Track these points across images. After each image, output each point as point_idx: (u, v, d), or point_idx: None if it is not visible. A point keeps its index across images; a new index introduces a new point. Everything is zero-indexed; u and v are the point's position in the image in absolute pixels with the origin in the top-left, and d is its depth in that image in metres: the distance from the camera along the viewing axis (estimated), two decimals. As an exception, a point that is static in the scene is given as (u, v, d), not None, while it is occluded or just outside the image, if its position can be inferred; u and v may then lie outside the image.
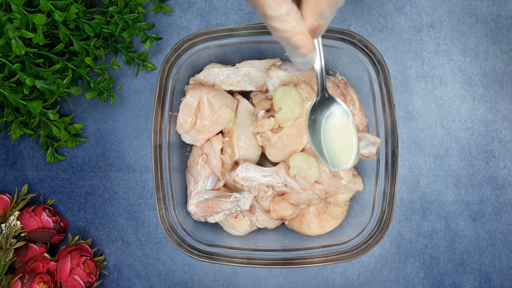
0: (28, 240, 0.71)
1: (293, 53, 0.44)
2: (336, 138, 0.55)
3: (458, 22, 0.75)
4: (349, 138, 0.55)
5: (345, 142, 0.55)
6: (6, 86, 0.62)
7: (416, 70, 0.75)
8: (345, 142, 0.55)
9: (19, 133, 0.68)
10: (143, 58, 0.73)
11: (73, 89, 0.66)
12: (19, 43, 0.59)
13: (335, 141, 0.55)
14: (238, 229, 0.69)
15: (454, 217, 0.74)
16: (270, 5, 0.39)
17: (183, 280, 0.75)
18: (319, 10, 0.41)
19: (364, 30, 0.75)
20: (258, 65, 0.68)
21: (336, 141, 0.55)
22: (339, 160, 0.55)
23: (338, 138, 0.55)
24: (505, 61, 0.74)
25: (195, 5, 0.76)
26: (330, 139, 0.55)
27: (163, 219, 0.64)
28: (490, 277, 0.74)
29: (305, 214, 0.67)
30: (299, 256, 0.64)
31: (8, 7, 0.59)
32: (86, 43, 0.67)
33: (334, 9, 0.42)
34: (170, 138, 0.66)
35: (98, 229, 0.76)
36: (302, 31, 0.42)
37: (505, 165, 0.74)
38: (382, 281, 0.74)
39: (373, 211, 0.65)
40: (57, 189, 0.76)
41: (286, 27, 0.41)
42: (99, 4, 0.74)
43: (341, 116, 0.55)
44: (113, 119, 0.76)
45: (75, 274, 0.68)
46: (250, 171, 0.63)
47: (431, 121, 0.75)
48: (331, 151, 0.55)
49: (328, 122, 0.55)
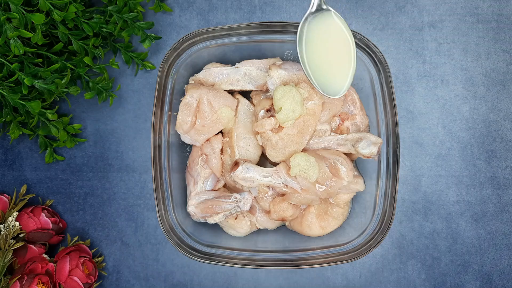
0: (27, 241, 0.70)
1: None
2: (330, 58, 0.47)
3: (459, 21, 0.74)
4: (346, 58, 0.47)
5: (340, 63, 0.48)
6: (5, 86, 0.61)
7: (417, 69, 0.74)
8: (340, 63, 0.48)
9: (18, 133, 0.68)
10: (142, 57, 0.73)
11: (72, 89, 0.66)
12: (17, 42, 0.59)
13: (329, 60, 0.47)
14: (238, 230, 0.68)
15: (456, 217, 0.74)
16: None
17: (183, 281, 0.75)
18: None
19: (365, 29, 0.75)
20: (258, 64, 0.67)
21: (330, 60, 0.47)
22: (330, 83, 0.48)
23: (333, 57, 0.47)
24: (507, 61, 0.74)
25: (195, 4, 0.75)
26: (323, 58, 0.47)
27: (162, 220, 0.64)
28: (492, 278, 0.73)
29: (305, 214, 0.66)
30: (299, 257, 0.64)
31: (7, 6, 0.58)
32: (85, 43, 0.67)
33: None
34: (169, 138, 0.66)
35: (97, 230, 0.75)
36: None
37: (507, 165, 0.74)
38: (383, 282, 0.74)
39: (374, 211, 0.65)
40: (56, 190, 0.76)
41: None
42: (98, 3, 0.74)
43: (338, 33, 0.47)
44: (112, 119, 0.76)
45: (74, 275, 0.67)
46: (250, 171, 0.63)
47: (433, 120, 0.74)
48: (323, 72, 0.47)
49: (322, 37, 0.48)
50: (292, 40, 0.65)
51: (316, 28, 0.47)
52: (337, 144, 0.65)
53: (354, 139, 0.64)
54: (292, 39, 0.65)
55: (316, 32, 0.47)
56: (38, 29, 0.60)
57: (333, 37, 0.47)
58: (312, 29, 0.47)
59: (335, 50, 0.47)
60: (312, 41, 0.47)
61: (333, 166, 0.63)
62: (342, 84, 0.48)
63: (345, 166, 0.63)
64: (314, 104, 0.62)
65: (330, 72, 0.47)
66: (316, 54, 0.47)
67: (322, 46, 0.47)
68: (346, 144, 0.65)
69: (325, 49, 0.47)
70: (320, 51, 0.47)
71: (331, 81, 0.48)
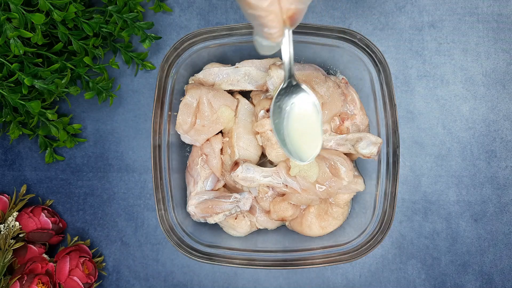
0: (27, 241, 0.70)
1: (261, 33, 0.42)
2: (301, 128, 0.53)
3: (459, 21, 0.74)
4: (315, 129, 0.53)
5: (310, 133, 0.53)
6: (5, 86, 0.61)
7: (417, 69, 0.74)
8: (310, 133, 0.53)
9: (18, 133, 0.67)
10: (142, 57, 0.73)
11: (71, 89, 0.66)
12: (17, 42, 0.59)
13: (299, 131, 0.53)
14: (238, 230, 0.68)
15: (456, 217, 0.74)
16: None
17: (183, 281, 0.75)
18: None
19: (365, 29, 0.75)
20: (258, 64, 0.67)
21: (300, 131, 0.53)
22: (301, 151, 0.53)
23: (303, 128, 0.53)
24: (507, 61, 0.74)
25: (195, 4, 0.75)
26: (294, 128, 0.53)
27: (162, 220, 0.64)
28: (492, 278, 0.73)
29: (305, 214, 0.66)
30: (299, 257, 0.64)
31: (7, 6, 0.58)
32: (85, 43, 0.67)
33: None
34: (169, 138, 0.66)
35: (97, 230, 0.75)
36: (276, 12, 0.40)
37: (507, 165, 0.74)
38: (383, 282, 0.74)
39: (374, 211, 0.65)
40: (55, 190, 0.76)
41: (262, 3, 0.39)
42: (98, 3, 0.74)
43: (307, 105, 0.53)
44: (112, 119, 0.76)
45: (74, 275, 0.67)
46: (250, 171, 0.63)
47: (432, 120, 0.74)
48: (294, 141, 0.53)
49: (294, 110, 0.53)
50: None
51: (289, 101, 0.53)
52: (337, 144, 0.65)
53: (354, 139, 0.64)
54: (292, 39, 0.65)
55: (288, 105, 0.53)
56: (38, 29, 0.60)
57: (303, 109, 0.53)
58: (285, 102, 0.53)
59: (305, 121, 0.53)
60: (284, 112, 0.53)
61: (333, 166, 0.63)
62: (311, 152, 0.54)
63: (345, 166, 0.63)
64: (314, 104, 0.62)
65: (300, 140, 0.53)
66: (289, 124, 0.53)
67: (293, 117, 0.53)
68: (346, 144, 0.65)
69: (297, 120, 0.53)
70: (292, 121, 0.53)
71: (301, 149, 0.53)
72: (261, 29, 0.42)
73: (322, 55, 0.68)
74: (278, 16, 0.40)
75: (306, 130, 0.53)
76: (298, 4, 0.40)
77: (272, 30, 0.41)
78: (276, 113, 0.53)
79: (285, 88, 0.53)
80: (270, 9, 0.39)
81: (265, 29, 0.41)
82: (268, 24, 0.40)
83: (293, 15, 0.41)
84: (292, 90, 0.53)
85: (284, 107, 0.53)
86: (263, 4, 0.39)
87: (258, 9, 0.39)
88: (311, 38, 0.65)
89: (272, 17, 0.40)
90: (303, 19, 0.75)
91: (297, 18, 0.42)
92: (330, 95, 0.64)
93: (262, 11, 0.39)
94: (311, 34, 0.64)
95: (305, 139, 0.53)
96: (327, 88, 0.64)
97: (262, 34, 0.42)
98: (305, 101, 0.53)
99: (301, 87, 0.53)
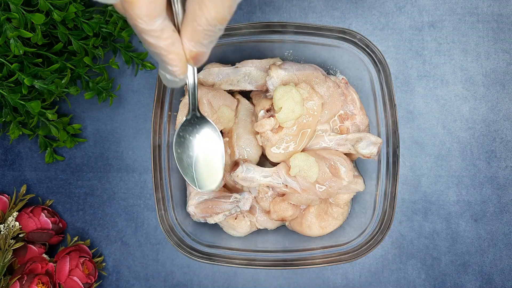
0: (27, 241, 0.70)
1: (164, 68, 0.42)
2: (204, 159, 0.55)
3: (459, 21, 0.74)
4: (216, 163, 0.55)
5: (211, 166, 0.55)
6: (5, 86, 0.61)
7: (417, 69, 0.74)
8: (211, 166, 0.55)
9: (18, 133, 0.67)
10: (142, 57, 0.73)
11: (71, 89, 0.66)
12: (17, 42, 0.59)
13: (202, 161, 0.55)
14: (238, 230, 0.68)
15: (456, 217, 0.74)
16: (142, 18, 0.36)
17: (183, 282, 0.75)
18: (196, 38, 0.39)
19: (365, 29, 0.75)
20: (258, 64, 0.67)
21: (203, 161, 0.55)
22: (204, 181, 0.55)
23: (206, 159, 0.55)
24: (507, 61, 0.74)
25: (195, 5, 0.75)
26: (198, 159, 0.55)
27: (162, 220, 0.64)
28: (492, 278, 0.73)
29: (305, 215, 0.66)
30: (299, 257, 0.64)
31: (7, 6, 0.58)
32: (85, 43, 0.67)
33: (214, 38, 0.39)
34: (169, 138, 0.66)
35: (97, 230, 0.75)
36: (177, 52, 0.39)
37: (507, 165, 0.74)
38: (383, 282, 0.74)
39: (374, 211, 0.65)
40: (55, 190, 0.76)
41: (160, 44, 0.38)
42: (98, 3, 0.74)
43: (211, 138, 0.55)
44: (112, 119, 0.75)
45: (74, 275, 0.67)
46: (250, 171, 0.63)
47: (432, 121, 0.74)
48: (196, 171, 0.55)
49: (198, 141, 0.55)
50: (292, 40, 0.66)
51: (192, 132, 0.55)
52: (337, 144, 0.65)
53: (354, 139, 0.64)
54: (292, 39, 0.65)
55: (193, 135, 0.55)
56: (38, 29, 0.59)
57: (207, 142, 0.55)
58: (188, 132, 0.55)
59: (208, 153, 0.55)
60: (188, 142, 0.55)
61: (333, 166, 0.63)
62: (211, 185, 0.55)
63: (345, 166, 0.63)
64: (314, 104, 0.62)
65: (202, 171, 0.55)
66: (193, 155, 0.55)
67: (197, 148, 0.55)
68: (346, 144, 0.65)
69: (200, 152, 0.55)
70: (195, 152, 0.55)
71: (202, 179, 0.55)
72: (164, 66, 0.41)
73: (322, 55, 0.68)
74: (180, 56, 0.40)
75: (208, 163, 0.55)
76: (200, 48, 0.40)
77: (174, 68, 0.41)
78: (179, 142, 0.54)
79: (189, 120, 0.54)
80: (170, 49, 0.39)
81: (167, 66, 0.41)
82: (169, 62, 0.40)
83: (195, 56, 0.41)
84: (197, 122, 0.54)
85: (188, 137, 0.54)
86: (161, 44, 0.38)
87: (157, 48, 0.39)
88: (311, 38, 0.65)
89: (172, 56, 0.40)
90: (304, 19, 0.75)
91: (200, 59, 0.41)
92: (330, 95, 0.64)
93: (162, 50, 0.39)
94: (311, 34, 0.64)
95: (207, 171, 0.55)
96: (327, 88, 0.64)
97: (165, 69, 0.42)
98: (209, 134, 0.55)
99: (206, 119, 0.54)
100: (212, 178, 0.55)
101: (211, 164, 0.55)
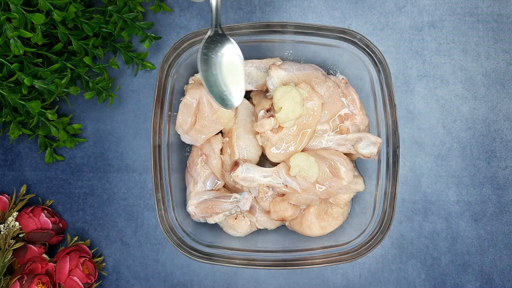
0: (27, 241, 0.70)
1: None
2: (227, 76, 0.57)
3: (459, 21, 0.74)
4: (240, 77, 0.57)
5: (235, 81, 0.57)
6: (5, 86, 0.61)
7: (417, 69, 0.74)
8: (235, 81, 0.57)
9: (18, 133, 0.67)
10: (142, 57, 0.73)
11: (71, 89, 0.66)
12: (17, 42, 0.59)
13: (226, 78, 0.57)
14: (238, 230, 0.68)
15: (456, 217, 0.74)
16: None
17: (183, 281, 0.75)
18: None
19: (365, 29, 0.75)
20: (258, 64, 0.67)
21: (227, 78, 0.57)
22: (227, 98, 0.56)
23: (229, 76, 0.57)
24: (507, 61, 0.74)
25: (195, 4, 0.75)
26: (222, 76, 0.57)
27: (162, 220, 0.64)
28: (492, 278, 0.73)
29: (305, 214, 0.66)
30: (299, 257, 0.64)
31: (7, 6, 0.58)
32: (85, 43, 0.67)
33: None
34: (169, 138, 0.66)
35: (97, 230, 0.75)
36: None
37: (507, 165, 0.74)
38: (383, 282, 0.74)
39: (374, 211, 0.65)
40: (55, 190, 0.76)
41: None
42: (98, 3, 0.74)
43: (233, 56, 0.57)
44: (112, 119, 0.75)
45: (74, 275, 0.67)
46: (250, 171, 0.63)
47: (432, 121, 0.74)
48: (221, 88, 0.56)
49: (221, 59, 0.56)
50: (292, 40, 0.66)
51: (215, 50, 0.57)
52: (337, 144, 0.65)
53: (354, 139, 0.64)
54: (292, 39, 0.65)
55: (215, 54, 0.57)
56: (38, 29, 0.59)
57: (230, 59, 0.57)
58: (211, 50, 0.57)
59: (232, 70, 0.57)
60: (211, 60, 0.56)
61: (333, 166, 0.63)
62: (237, 99, 0.57)
63: (345, 166, 0.63)
64: (314, 104, 0.62)
65: (227, 88, 0.57)
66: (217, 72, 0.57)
67: (221, 66, 0.57)
68: (346, 144, 0.65)
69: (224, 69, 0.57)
70: (219, 70, 0.57)
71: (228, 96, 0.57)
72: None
73: (322, 55, 0.68)
74: None
75: (232, 79, 0.57)
76: None
77: None
78: (203, 60, 0.56)
79: (211, 37, 0.56)
80: None
81: None
82: None
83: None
84: (219, 40, 0.56)
85: (211, 55, 0.56)
86: None
87: None
88: (311, 38, 0.65)
89: None
90: (303, 19, 0.75)
91: None
92: (330, 95, 0.64)
93: None
94: (311, 34, 0.64)
95: (232, 87, 0.57)
96: (327, 88, 0.64)
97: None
98: (231, 51, 0.57)
99: (227, 37, 0.56)
100: (237, 94, 0.57)
101: (235, 79, 0.57)
